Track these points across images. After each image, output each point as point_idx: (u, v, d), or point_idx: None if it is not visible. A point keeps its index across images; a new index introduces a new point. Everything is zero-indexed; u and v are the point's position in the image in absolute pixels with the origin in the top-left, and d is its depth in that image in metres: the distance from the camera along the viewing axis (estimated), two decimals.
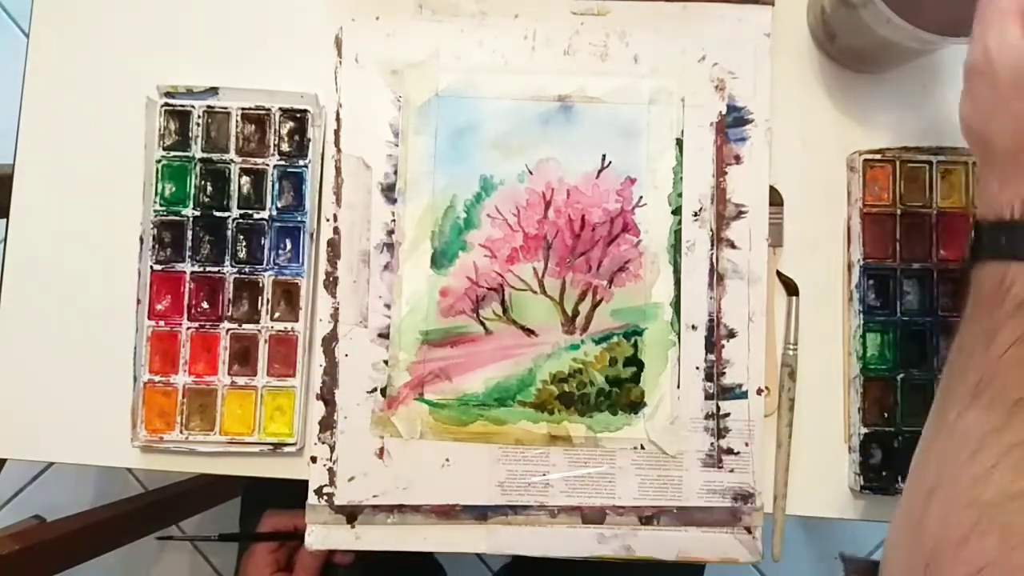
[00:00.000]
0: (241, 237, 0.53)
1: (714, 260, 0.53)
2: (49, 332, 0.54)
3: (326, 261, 0.53)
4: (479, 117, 0.54)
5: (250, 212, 0.53)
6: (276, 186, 0.53)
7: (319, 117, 0.53)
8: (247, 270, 0.53)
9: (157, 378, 0.52)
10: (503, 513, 0.52)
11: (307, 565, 0.64)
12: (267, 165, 0.53)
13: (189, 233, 0.53)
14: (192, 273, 0.53)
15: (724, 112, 0.54)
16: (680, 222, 0.54)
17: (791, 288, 0.54)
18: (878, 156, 0.54)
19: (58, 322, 0.54)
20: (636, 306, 0.53)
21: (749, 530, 0.52)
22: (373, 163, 0.53)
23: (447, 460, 0.53)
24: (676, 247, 0.54)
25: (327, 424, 0.52)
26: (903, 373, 0.53)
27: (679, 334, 0.53)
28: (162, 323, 0.53)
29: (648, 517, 0.52)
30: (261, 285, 0.53)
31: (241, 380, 0.53)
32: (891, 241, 0.54)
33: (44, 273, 0.54)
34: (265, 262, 0.53)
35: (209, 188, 0.53)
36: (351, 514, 0.52)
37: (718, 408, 0.53)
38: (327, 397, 0.53)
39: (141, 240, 0.53)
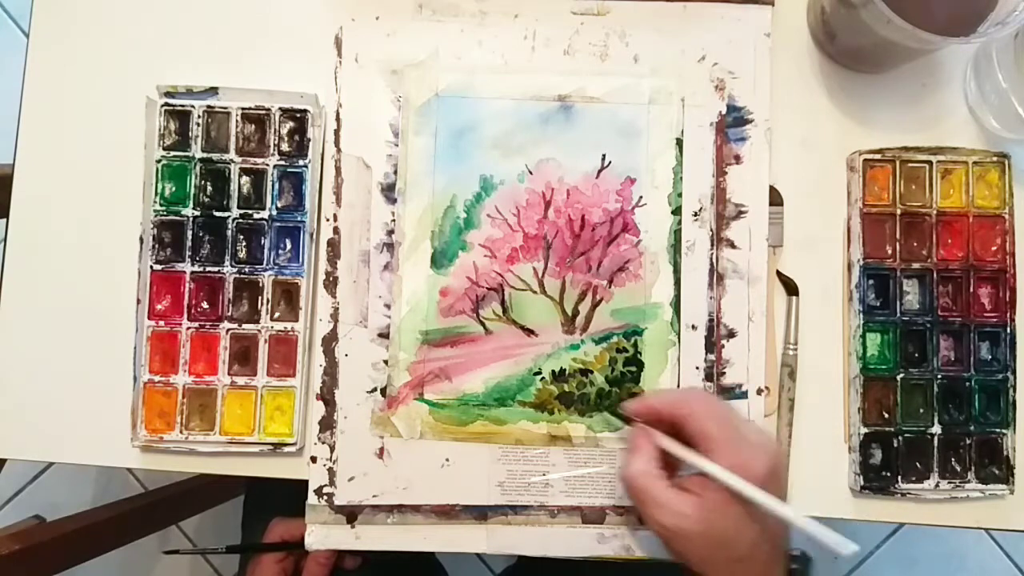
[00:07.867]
0: (241, 237, 0.53)
1: (714, 260, 0.53)
2: (49, 332, 0.54)
3: (326, 261, 0.53)
4: (479, 117, 0.54)
5: (250, 212, 0.53)
6: (276, 186, 0.53)
7: (319, 117, 0.53)
8: (247, 270, 0.53)
9: (157, 378, 0.52)
10: (503, 513, 0.52)
11: (314, 574, 0.63)
12: (267, 165, 0.53)
13: (189, 233, 0.53)
14: (192, 273, 0.53)
15: (724, 112, 0.54)
16: (680, 222, 0.54)
17: (791, 288, 0.54)
18: (878, 156, 0.54)
19: (58, 322, 0.54)
20: (636, 306, 0.53)
21: None
22: (373, 163, 0.53)
23: (447, 460, 0.53)
24: (676, 247, 0.54)
25: (327, 424, 0.52)
26: (903, 373, 0.53)
27: (679, 334, 0.53)
28: (162, 323, 0.53)
29: None
30: (261, 285, 0.53)
31: (241, 380, 0.53)
32: (891, 241, 0.54)
33: (44, 273, 0.54)
34: (265, 262, 0.53)
35: (209, 188, 0.53)
36: (351, 514, 0.52)
37: None
38: (327, 397, 0.53)
39: (141, 240, 0.53)
